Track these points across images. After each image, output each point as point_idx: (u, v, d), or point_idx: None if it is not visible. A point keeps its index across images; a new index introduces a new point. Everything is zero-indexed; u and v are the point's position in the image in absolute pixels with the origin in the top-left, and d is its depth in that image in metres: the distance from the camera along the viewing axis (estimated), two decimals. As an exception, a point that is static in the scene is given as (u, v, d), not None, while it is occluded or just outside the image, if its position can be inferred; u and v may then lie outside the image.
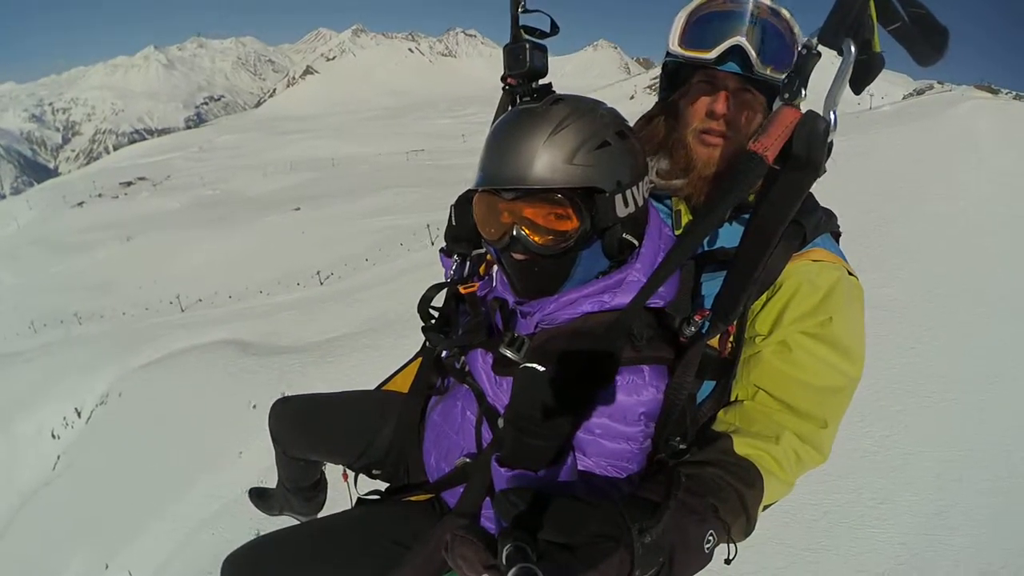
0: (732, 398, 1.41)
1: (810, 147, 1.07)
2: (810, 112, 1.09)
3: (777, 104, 1.15)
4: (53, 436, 16.74)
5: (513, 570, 0.83)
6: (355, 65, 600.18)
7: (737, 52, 1.40)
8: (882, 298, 5.66)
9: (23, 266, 58.13)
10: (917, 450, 3.97)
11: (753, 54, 1.38)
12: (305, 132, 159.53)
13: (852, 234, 5.27)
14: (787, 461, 1.31)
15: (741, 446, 1.29)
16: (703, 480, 1.23)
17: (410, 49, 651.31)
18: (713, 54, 1.41)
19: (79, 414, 16.31)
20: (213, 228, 53.12)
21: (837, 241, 1.55)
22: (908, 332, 5.21)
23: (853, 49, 1.05)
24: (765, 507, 1.37)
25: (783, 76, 1.24)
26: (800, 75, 1.16)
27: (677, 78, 1.59)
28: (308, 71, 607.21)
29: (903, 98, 34.93)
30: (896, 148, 11.07)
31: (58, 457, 15.38)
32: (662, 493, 1.12)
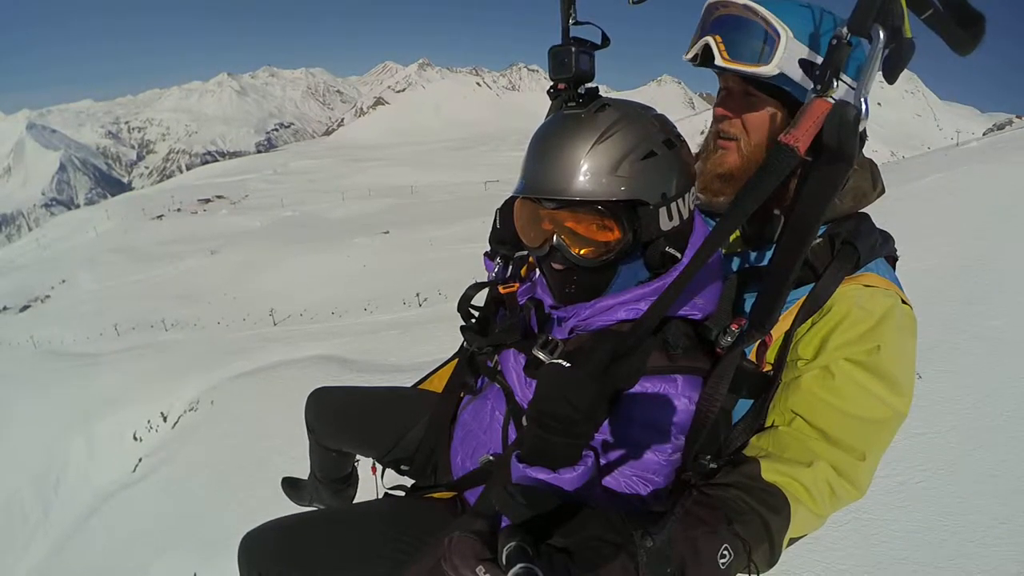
0: (768, 423, 1.35)
1: (840, 137, 1.05)
2: (840, 101, 1.07)
3: (809, 96, 1.12)
4: (135, 438, 16.68)
5: (514, 569, 0.83)
6: (424, 97, 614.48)
7: (709, 50, 1.37)
8: (990, 330, 5.58)
9: (105, 272, 60.58)
10: (1033, 473, 3.98)
11: (716, 49, 1.35)
12: (378, 160, 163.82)
13: (954, 269, 5.91)
14: (819, 492, 1.24)
15: (769, 472, 1.23)
16: (721, 498, 1.18)
17: (478, 83, 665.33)
18: (688, 55, 1.43)
19: (165, 418, 16.21)
20: (299, 247, 54.63)
21: (894, 266, 1.47)
22: (1017, 363, 5.05)
23: (882, 35, 1.02)
24: (792, 540, 1.29)
25: (754, 68, 1.29)
26: (831, 66, 1.10)
27: None
28: (379, 102, 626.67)
29: (984, 134, 34.67)
30: (988, 183, 10.70)
31: (140, 460, 15.21)
32: (669, 505, 1.14)
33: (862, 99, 1.05)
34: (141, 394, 17.89)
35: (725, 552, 1.10)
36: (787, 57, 1.27)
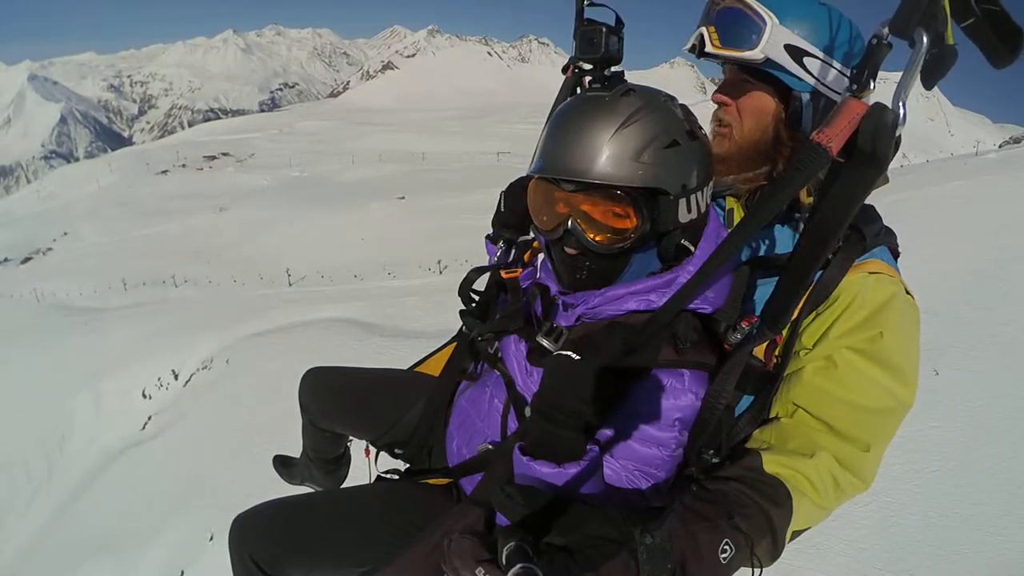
0: (772, 415, 1.33)
1: (876, 140, 1.00)
2: (877, 104, 1.02)
3: (844, 96, 1.07)
4: (144, 396, 16.31)
5: (514, 569, 0.83)
6: (434, 64, 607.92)
7: (704, 40, 1.41)
8: (1004, 334, 5.62)
9: (109, 226, 60.42)
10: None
11: (708, 38, 1.39)
12: (386, 125, 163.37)
13: (970, 272, 6.51)
14: (822, 484, 1.22)
15: (771, 464, 1.22)
16: (722, 492, 1.18)
17: (488, 53, 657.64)
18: (687, 46, 1.45)
19: (176, 376, 15.84)
20: (311, 208, 54.96)
21: (895, 259, 1.42)
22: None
23: (925, 39, 0.96)
24: (796, 533, 1.27)
25: (740, 53, 1.34)
26: (868, 66, 1.07)
27: None
28: (388, 66, 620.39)
29: (999, 146, 34.66)
30: (1007, 194, 10.58)
31: (149, 418, 14.88)
32: (669, 500, 1.15)
33: (900, 104, 0.98)
34: (151, 351, 17.32)
35: (726, 547, 1.09)
36: (772, 43, 1.30)
